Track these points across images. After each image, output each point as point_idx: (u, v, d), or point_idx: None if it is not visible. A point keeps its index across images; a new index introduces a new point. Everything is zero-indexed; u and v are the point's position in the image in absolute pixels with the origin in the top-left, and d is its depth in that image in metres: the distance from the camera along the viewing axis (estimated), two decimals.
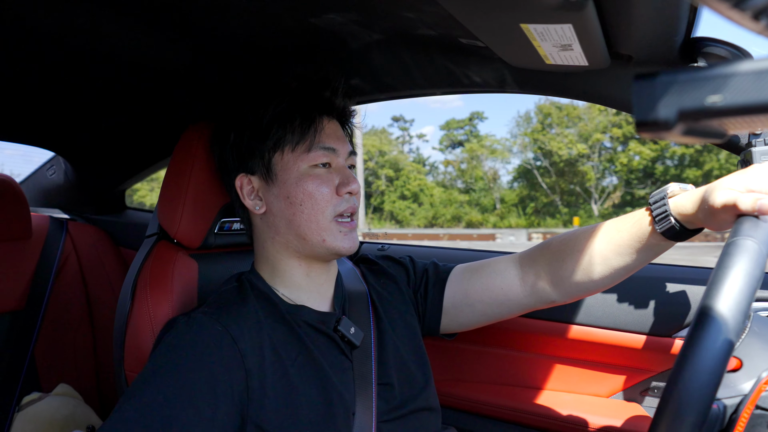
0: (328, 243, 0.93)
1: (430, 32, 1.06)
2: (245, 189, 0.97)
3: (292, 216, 0.93)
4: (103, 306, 1.80)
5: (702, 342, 0.57)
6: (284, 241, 0.96)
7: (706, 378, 0.55)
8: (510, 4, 0.74)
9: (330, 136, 0.97)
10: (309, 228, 0.93)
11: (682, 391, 0.56)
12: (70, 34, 1.11)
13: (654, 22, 0.83)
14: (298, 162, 0.94)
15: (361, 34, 1.13)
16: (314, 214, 0.92)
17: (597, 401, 1.33)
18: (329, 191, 0.93)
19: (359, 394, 0.92)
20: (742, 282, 0.60)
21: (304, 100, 0.97)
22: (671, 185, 0.88)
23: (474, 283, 1.06)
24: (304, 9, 1.02)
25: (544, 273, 1.01)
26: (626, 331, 1.27)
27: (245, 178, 0.97)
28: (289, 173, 0.94)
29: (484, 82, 1.21)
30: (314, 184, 0.93)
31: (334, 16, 1.04)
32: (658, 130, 0.39)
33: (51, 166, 2.13)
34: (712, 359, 0.56)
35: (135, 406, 0.75)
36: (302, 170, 0.94)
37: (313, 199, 0.92)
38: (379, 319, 1.03)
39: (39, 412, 1.37)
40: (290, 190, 0.93)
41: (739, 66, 0.37)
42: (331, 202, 0.93)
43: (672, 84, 0.39)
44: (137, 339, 1.02)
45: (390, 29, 1.09)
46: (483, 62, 1.15)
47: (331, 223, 0.93)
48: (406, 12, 0.98)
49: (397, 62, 1.23)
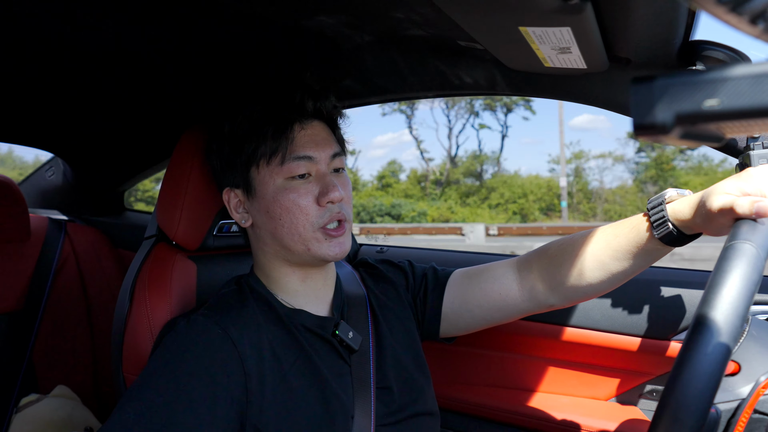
0: (313, 251, 0.91)
1: (422, 33, 1.06)
2: (232, 202, 0.97)
3: (273, 230, 0.92)
4: (101, 307, 1.79)
5: (700, 345, 0.57)
6: (273, 251, 0.95)
7: (705, 382, 0.55)
8: (509, 7, 0.74)
9: (306, 143, 0.92)
10: (292, 239, 0.91)
11: (681, 395, 0.55)
12: (69, 36, 1.11)
13: (652, 25, 0.83)
14: (273, 176, 0.91)
15: (351, 35, 1.13)
16: (295, 227, 0.90)
17: (595, 404, 1.33)
18: (309, 203, 0.90)
19: (358, 398, 0.92)
20: (740, 285, 0.60)
21: (275, 106, 0.93)
22: (669, 191, 0.88)
23: (472, 289, 1.06)
24: (294, 11, 1.02)
25: (542, 277, 1.01)
26: (624, 334, 1.27)
27: (231, 192, 0.97)
28: (266, 188, 0.91)
29: (477, 84, 1.21)
30: (291, 198, 0.89)
31: (324, 18, 1.04)
32: (655, 133, 0.40)
33: (50, 167, 2.13)
34: (710, 363, 0.56)
35: (134, 408, 0.75)
36: (278, 184, 0.90)
37: (290, 213, 0.89)
38: (377, 323, 1.03)
39: (37, 413, 1.37)
40: (269, 205, 0.91)
41: (736, 70, 0.37)
42: (313, 214, 0.90)
43: (669, 87, 0.39)
44: (135, 340, 1.02)
45: (381, 30, 1.10)
46: (478, 64, 1.16)
47: (315, 233, 0.90)
48: (396, 13, 0.97)
49: (389, 64, 1.23)
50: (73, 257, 1.79)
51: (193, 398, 0.77)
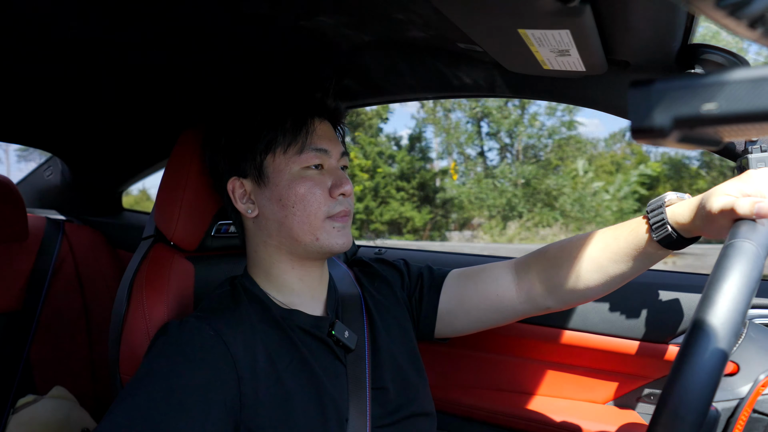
0: (322, 241, 0.93)
1: (422, 34, 1.06)
2: (237, 192, 0.97)
3: (284, 218, 0.92)
4: (99, 308, 1.79)
5: (700, 344, 0.57)
6: (276, 243, 0.95)
7: (704, 381, 0.55)
8: (508, 9, 0.74)
9: (322, 137, 0.96)
10: (302, 229, 0.92)
11: (680, 395, 0.55)
12: (68, 35, 1.11)
13: (651, 28, 0.83)
14: (290, 164, 0.93)
15: (351, 36, 1.13)
16: (306, 216, 0.92)
17: (592, 407, 1.33)
18: (322, 193, 0.93)
19: (353, 399, 0.92)
20: (739, 284, 0.60)
21: (295, 101, 0.96)
22: (669, 194, 0.88)
23: (469, 290, 1.06)
24: (294, 12, 1.02)
25: (540, 280, 1.01)
26: (622, 338, 1.27)
27: (237, 181, 0.96)
28: (281, 175, 0.93)
29: (477, 85, 1.21)
30: (306, 186, 0.92)
31: (324, 18, 1.04)
32: (653, 136, 0.40)
33: (48, 167, 2.13)
34: (709, 362, 0.56)
35: (125, 410, 0.74)
36: (294, 172, 0.93)
37: (305, 201, 0.92)
38: (373, 322, 1.03)
39: (34, 414, 1.36)
40: (282, 192, 0.92)
41: (734, 74, 0.37)
42: (325, 204, 0.93)
43: (668, 91, 0.39)
44: (132, 341, 1.01)
45: (380, 31, 1.09)
46: (478, 66, 1.16)
47: (324, 222, 0.93)
48: (396, 14, 0.97)
49: (389, 65, 1.23)
50: (71, 257, 1.79)
51: (185, 401, 0.76)
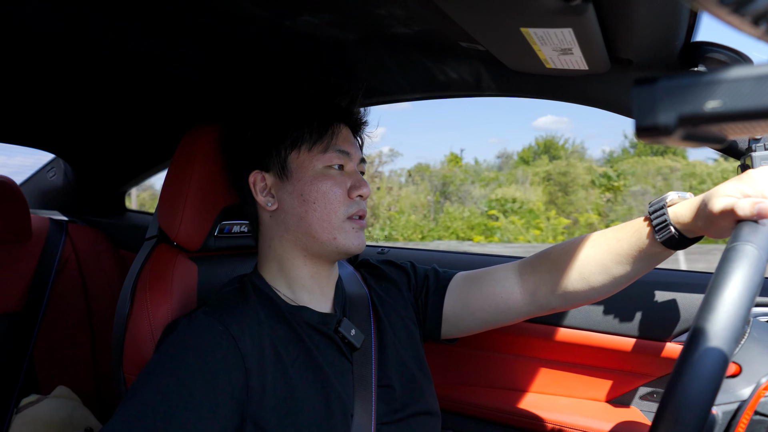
0: (339, 241, 0.95)
1: (406, 30, 1.05)
2: (258, 185, 0.99)
3: (304, 213, 0.94)
4: (102, 308, 1.79)
5: (701, 347, 0.57)
6: (293, 238, 0.97)
7: (706, 383, 0.55)
8: (510, 7, 0.74)
9: (345, 140, 1.00)
10: (320, 226, 0.94)
11: (682, 396, 0.55)
12: (71, 36, 1.11)
13: (654, 26, 0.83)
14: (314, 161, 0.96)
15: (337, 35, 1.13)
16: (326, 213, 0.94)
17: (596, 405, 1.33)
18: (341, 192, 0.95)
19: (358, 396, 0.92)
20: (741, 287, 0.60)
21: (322, 105, 1.00)
22: (670, 194, 0.88)
23: (474, 292, 1.06)
24: (277, 11, 1.02)
25: (544, 281, 1.01)
26: (625, 336, 1.27)
27: (259, 174, 0.98)
28: (305, 171, 0.96)
29: (477, 86, 1.21)
30: (328, 184, 0.95)
31: (308, 17, 1.04)
32: (657, 135, 0.39)
33: (51, 168, 2.13)
34: (711, 364, 0.56)
35: (135, 404, 0.76)
36: (317, 169, 0.96)
37: (326, 198, 0.94)
38: (379, 321, 1.04)
39: (37, 414, 1.36)
40: (304, 187, 0.95)
41: (738, 71, 0.37)
42: (343, 204, 0.95)
43: (672, 89, 0.39)
44: (136, 341, 1.02)
45: (365, 28, 1.09)
46: (480, 65, 1.15)
47: (343, 222, 0.95)
48: (378, 9, 0.97)
49: (377, 63, 1.23)
50: (74, 258, 1.79)
51: (194, 394, 0.77)
